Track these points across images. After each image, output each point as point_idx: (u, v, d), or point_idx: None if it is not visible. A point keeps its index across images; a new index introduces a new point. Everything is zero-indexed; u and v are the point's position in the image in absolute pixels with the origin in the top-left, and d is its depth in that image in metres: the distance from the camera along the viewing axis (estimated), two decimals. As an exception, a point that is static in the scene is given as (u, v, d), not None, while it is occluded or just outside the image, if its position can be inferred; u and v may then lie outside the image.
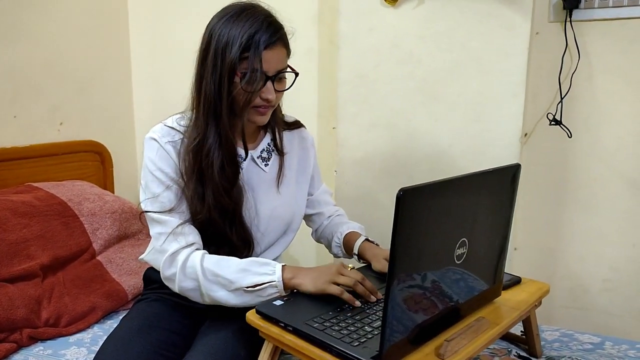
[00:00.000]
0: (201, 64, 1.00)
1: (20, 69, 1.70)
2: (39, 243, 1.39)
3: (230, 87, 0.97)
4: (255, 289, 0.96)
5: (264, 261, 1.00)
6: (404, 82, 1.52)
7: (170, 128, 1.05)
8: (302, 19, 1.77)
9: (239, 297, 0.98)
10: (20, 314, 1.22)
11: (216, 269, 0.98)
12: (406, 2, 1.48)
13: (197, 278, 0.99)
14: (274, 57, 0.97)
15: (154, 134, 1.04)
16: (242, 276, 0.97)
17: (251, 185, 1.11)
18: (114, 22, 2.01)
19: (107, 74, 2.00)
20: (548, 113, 1.51)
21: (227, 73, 0.95)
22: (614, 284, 1.54)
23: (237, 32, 0.94)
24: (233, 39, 0.94)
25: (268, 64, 0.97)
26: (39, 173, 1.72)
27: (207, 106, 0.99)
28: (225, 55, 0.95)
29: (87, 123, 1.94)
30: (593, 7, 1.42)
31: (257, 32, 0.94)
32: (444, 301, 0.88)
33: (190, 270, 0.99)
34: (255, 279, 0.96)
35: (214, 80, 0.97)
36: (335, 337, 0.83)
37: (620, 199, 1.50)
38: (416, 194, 0.74)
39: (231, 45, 0.94)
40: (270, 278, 0.96)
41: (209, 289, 0.98)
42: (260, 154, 1.13)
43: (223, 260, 1.00)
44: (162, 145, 1.02)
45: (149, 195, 1.03)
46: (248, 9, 0.98)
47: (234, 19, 0.96)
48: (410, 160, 1.55)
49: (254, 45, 0.94)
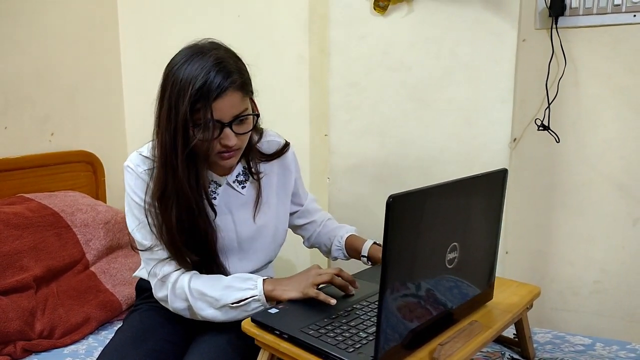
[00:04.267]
0: (158, 112, 1.00)
1: (10, 79, 1.69)
2: (31, 254, 1.39)
3: (187, 139, 0.96)
4: (240, 304, 1.00)
5: (247, 276, 1.03)
6: (395, 89, 1.54)
7: (144, 157, 1.06)
8: (292, 27, 1.78)
9: (226, 313, 1.02)
10: (13, 326, 1.22)
11: (203, 289, 1.02)
12: (396, 10, 1.50)
13: (186, 299, 1.03)
14: (226, 104, 0.95)
15: (131, 162, 1.06)
16: (227, 293, 1.01)
17: (229, 208, 1.12)
18: (104, 32, 2.01)
19: (97, 83, 2.00)
20: (536, 119, 1.54)
21: (182, 126, 0.94)
22: (603, 286, 1.57)
23: (187, 83, 0.93)
24: (184, 90, 0.93)
25: (221, 112, 0.95)
26: (31, 184, 1.72)
27: (163, 159, 0.99)
28: (178, 108, 0.94)
29: (79, 133, 1.94)
30: (578, 14, 1.45)
31: (206, 82, 0.93)
32: (437, 306, 0.89)
33: (180, 291, 1.03)
34: (238, 295, 1.00)
35: (169, 133, 0.96)
36: (330, 343, 0.84)
37: (608, 202, 1.53)
38: (406, 200, 0.75)
39: (182, 97, 0.93)
40: (252, 292, 1.00)
41: (198, 308, 1.02)
42: (236, 178, 1.13)
43: (209, 279, 1.04)
44: (138, 175, 1.04)
45: (136, 222, 1.05)
46: (200, 53, 0.96)
47: (187, 65, 0.95)
48: (402, 166, 1.56)
49: (203, 97, 0.93)
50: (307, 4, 1.74)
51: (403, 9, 1.49)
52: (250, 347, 0.96)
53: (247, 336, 0.94)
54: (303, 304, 0.99)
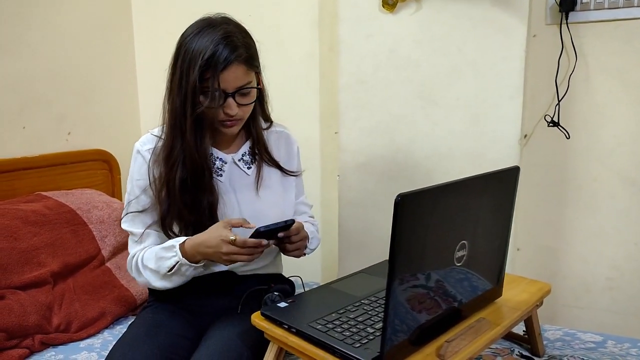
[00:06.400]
0: (170, 79, 1.09)
1: (27, 81, 1.74)
2: (49, 251, 1.43)
3: (195, 105, 1.04)
4: (173, 271, 1.07)
5: (169, 244, 1.08)
6: (403, 86, 1.54)
7: (153, 136, 1.14)
8: (302, 25, 1.80)
9: (171, 280, 1.09)
10: (32, 320, 1.26)
11: (147, 262, 1.10)
12: (404, 8, 1.50)
13: (141, 273, 1.11)
14: (231, 76, 1.03)
15: (138, 142, 1.15)
16: (160, 263, 1.08)
17: (233, 187, 1.17)
18: (119, 32, 2.05)
19: (112, 83, 2.04)
20: (546, 115, 1.53)
21: (191, 92, 1.03)
22: (616, 283, 1.55)
23: (198, 53, 1.02)
24: (194, 60, 1.02)
25: (226, 83, 1.04)
26: (49, 182, 1.76)
27: (173, 122, 1.08)
28: (188, 76, 1.03)
29: (95, 132, 1.98)
30: (589, 9, 1.44)
31: (214, 54, 1.01)
32: (445, 303, 0.90)
33: (137, 265, 1.12)
34: (168, 263, 1.06)
35: (180, 98, 1.05)
36: (337, 338, 0.86)
37: (619, 198, 1.51)
38: (414, 199, 0.76)
39: (193, 66, 1.02)
40: (176, 259, 1.05)
41: (150, 279, 1.10)
42: (242, 157, 1.19)
43: (148, 252, 1.11)
44: (142, 154, 1.13)
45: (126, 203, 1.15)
46: (210, 26, 1.05)
47: (197, 37, 1.03)
48: (411, 163, 1.57)
49: (211, 68, 1.01)
50: (317, 2, 1.75)
51: (411, 6, 1.49)
52: (260, 340, 0.98)
53: (257, 329, 0.96)
54: (313, 298, 1.01)
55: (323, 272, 1.92)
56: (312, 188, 1.86)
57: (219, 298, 1.17)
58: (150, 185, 1.11)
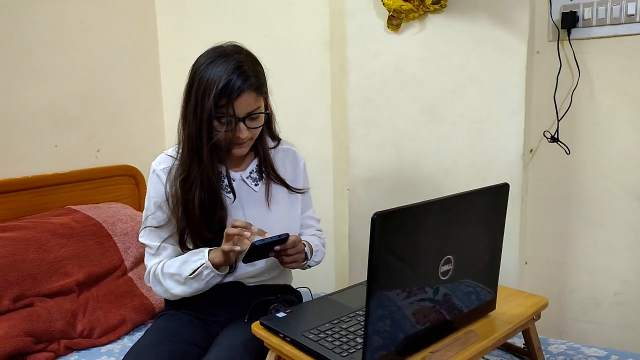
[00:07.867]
0: (185, 105, 1.16)
1: (59, 102, 1.86)
2: (75, 261, 1.53)
3: (210, 130, 1.12)
4: (195, 274, 1.14)
5: (198, 250, 1.17)
6: (408, 103, 1.59)
7: (168, 156, 1.23)
8: (315, 46, 1.87)
9: (190, 286, 1.16)
10: (58, 326, 1.36)
11: (168, 269, 1.17)
12: (408, 28, 1.55)
13: (160, 281, 1.19)
14: (243, 103, 1.11)
15: (154, 161, 1.23)
16: (184, 267, 1.15)
17: (242, 203, 1.24)
18: (145, 55, 2.17)
19: (139, 103, 2.16)
20: (546, 131, 1.54)
21: (207, 118, 1.11)
22: (625, 298, 1.54)
23: (213, 82, 1.09)
24: (210, 88, 1.09)
25: (238, 109, 1.11)
26: (78, 196, 1.87)
27: (190, 146, 1.15)
28: (204, 103, 1.10)
29: (122, 149, 2.09)
30: (591, 25, 1.45)
31: (228, 83, 1.08)
32: (433, 315, 0.93)
33: (156, 276, 1.20)
34: (192, 266, 1.14)
35: (196, 124, 1.13)
36: (327, 347, 0.91)
37: (626, 213, 1.50)
38: (390, 217, 0.81)
39: (208, 94, 1.09)
40: (201, 262, 1.14)
41: (169, 287, 1.18)
42: (250, 175, 1.26)
43: (174, 260, 1.19)
44: (157, 173, 1.21)
45: (143, 218, 1.23)
46: (223, 55, 1.12)
47: (211, 67, 1.11)
48: (417, 178, 1.61)
49: (226, 96, 1.09)
50: (328, 24, 1.82)
51: (415, 26, 1.54)
52: (262, 348, 1.04)
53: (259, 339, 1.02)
54: (310, 309, 1.06)
55: (336, 282, 1.97)
56: (325, 201, 1.92)
57: (228, 308, 1.24)
58: (166, 202, 1.19)
